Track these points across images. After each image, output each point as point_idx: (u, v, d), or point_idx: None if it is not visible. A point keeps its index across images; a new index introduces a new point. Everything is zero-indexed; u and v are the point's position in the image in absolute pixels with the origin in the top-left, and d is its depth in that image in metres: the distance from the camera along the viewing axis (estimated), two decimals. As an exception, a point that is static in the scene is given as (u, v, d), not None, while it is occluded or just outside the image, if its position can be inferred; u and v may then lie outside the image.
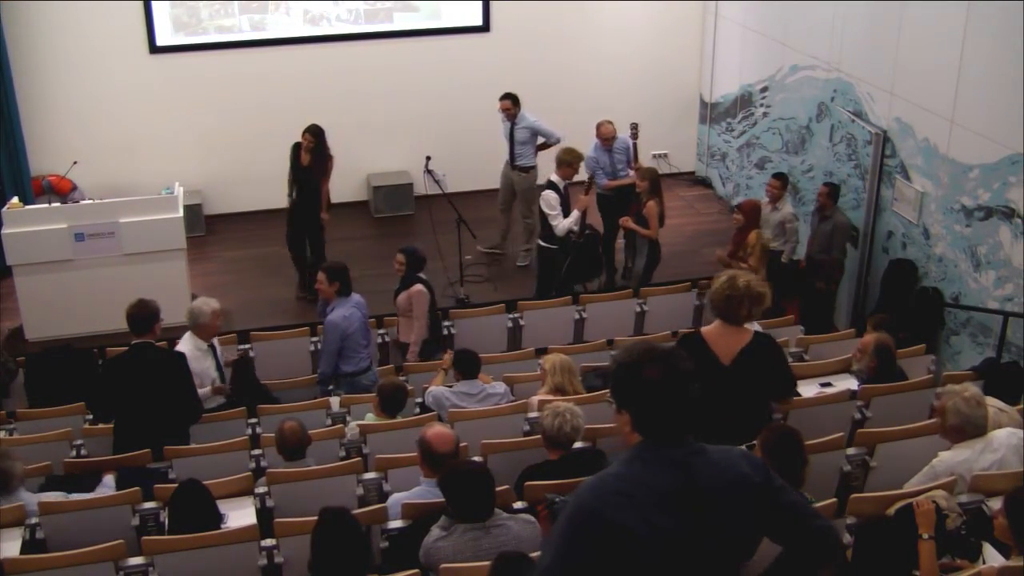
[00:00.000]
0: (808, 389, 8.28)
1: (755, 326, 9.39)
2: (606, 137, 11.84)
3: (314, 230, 11.95)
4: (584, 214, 10.96)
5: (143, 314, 7.82)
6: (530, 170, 12.49)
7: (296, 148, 11.70)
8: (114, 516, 6.68)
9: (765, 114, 13.40)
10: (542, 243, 11.17)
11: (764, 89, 13.36)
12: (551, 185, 10.92)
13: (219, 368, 8.50)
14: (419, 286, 9.51)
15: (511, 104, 12.22)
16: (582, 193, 10.88)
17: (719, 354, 6.21)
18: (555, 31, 14.44)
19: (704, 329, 6.48)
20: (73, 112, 12.91)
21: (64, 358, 9.91)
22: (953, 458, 6.25)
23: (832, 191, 10.88)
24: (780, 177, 11.39)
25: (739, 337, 6.29)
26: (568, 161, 10.95)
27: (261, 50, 13.97)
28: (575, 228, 10.82)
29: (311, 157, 11.63)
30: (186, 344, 8.29)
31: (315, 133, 11.64)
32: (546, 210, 10.80)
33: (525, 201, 12.36)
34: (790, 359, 8.97)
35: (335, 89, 14.12)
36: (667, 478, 3.32)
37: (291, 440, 7.06)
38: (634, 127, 11.86)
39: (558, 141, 12.24)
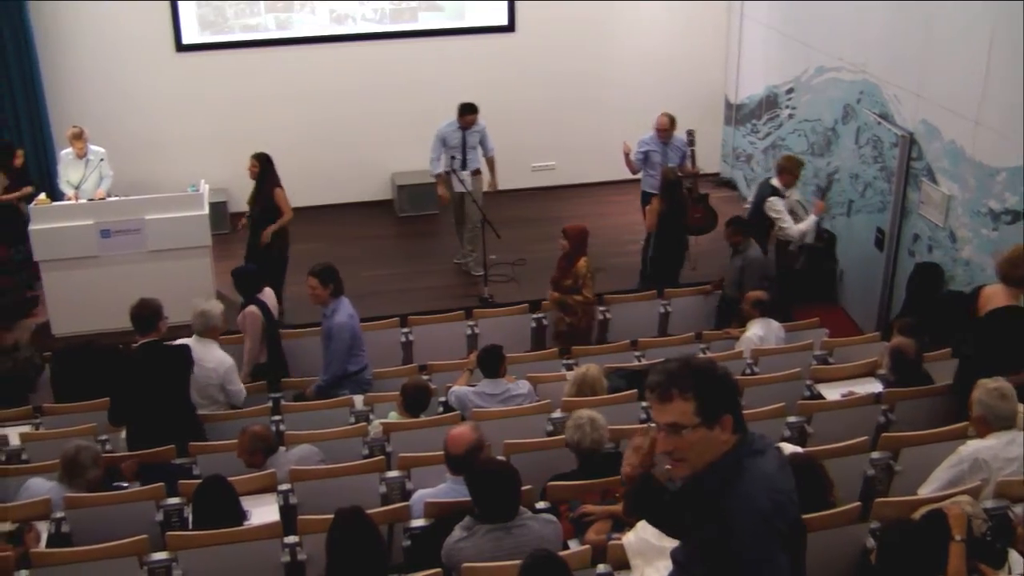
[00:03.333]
0: (832, 392, 8.26)
1: (776, 325, 9.44)
2: (659, 128, 11.85)
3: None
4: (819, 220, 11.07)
5: (146, 313, 7.89)
6: (479, 173, 12.45)
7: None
8: (138, 511, 6.71)
9: (791, 116, 13.35)
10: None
11: (790, 90, 13.31)
12: (774, 191, 10.77)
13: None
14: (252, 308, 9.20)
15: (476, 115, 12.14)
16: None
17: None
18: (580, 32, 14.43)
19: (986, 287, 7.68)
20: (100, 110, 12.97)
21: (88, 354, 9.95)
22: (978, 444, 6.30)
23: (740, 227, 10.50)
24: (789, 159, 11.38)
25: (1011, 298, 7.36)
26: (789, 168, 10.85)
27: (286, 49, 14.02)
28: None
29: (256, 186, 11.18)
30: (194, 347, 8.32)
31: (260, 159, 11.17)
32: (773, 215, 10.67)
33: (478, 205, 12.20)
34: (814, 362, 8.98)
35: (360, 88, 14.15)
36: (775, 459, 3.55)
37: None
38: (690, 134, 11.87)
39: (492, 151, 12.39)
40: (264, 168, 10.89)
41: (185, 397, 8.00)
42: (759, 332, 9.38)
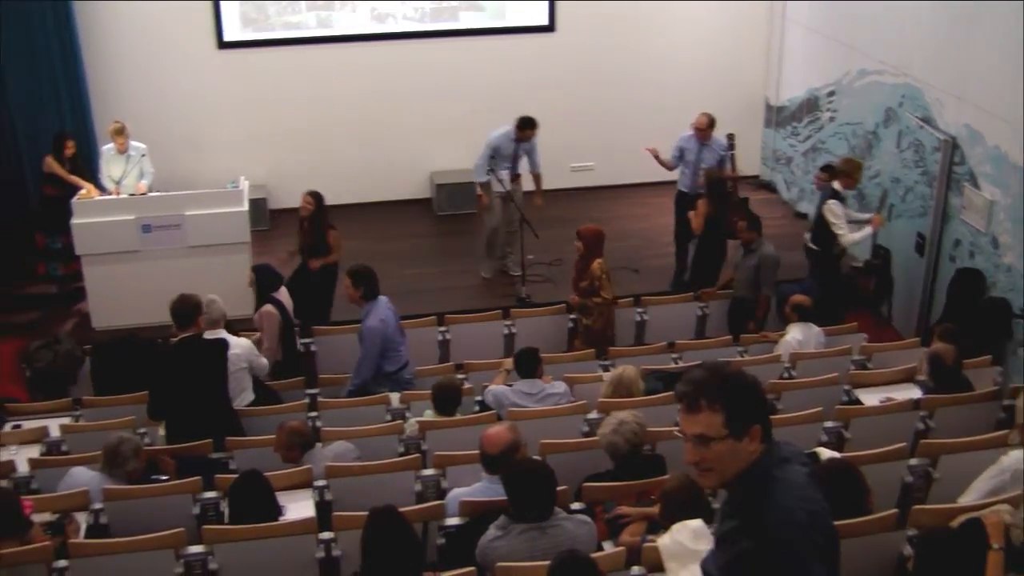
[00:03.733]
0: (871, 398, 8.21)
1: (817, 330, 9.38)
2: (696, 127, 11.82)
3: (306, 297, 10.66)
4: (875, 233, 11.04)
5: (185, 308, 7.99)
6: (519, 177, 12.44)
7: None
8: (175, 504, 6.76)
9: (832, 118, 13.27)
10: (812, 246, 11.02)
11: (831, 93, 13.23)
12: (835, 195, 10.69)
13: None
14: (269, 306, 9.24)
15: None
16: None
17: None
18: (620, 32, 14.40)
19: None
20: (142, 106, 13.05)
21: (128, 348, 10.04)
22: (1021, 454, 6.22)
23: (752, 222, 10.43)
24: (827, 168, 11.32)
25: None
26: (848, 171, 10.74)
27: (327, 47, 14.07)
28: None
29: (308, 226, 10.77)
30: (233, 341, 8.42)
31: (315, 198, 10.76)
32: (832, 220, 10.58)
33: (516, 205, 12.20)
34: (852, 367, 8.93)
35: (400, 86, 14.18)
36: (803, 467, 3.49)
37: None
38: (731, 138, 11.81)
39: (539, 166, 12.43)
40: (319, 206, 10.66)
41: (223, 391, 8.07)
42: (798, 336, 9.33)
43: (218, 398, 8.03)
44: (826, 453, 6.26)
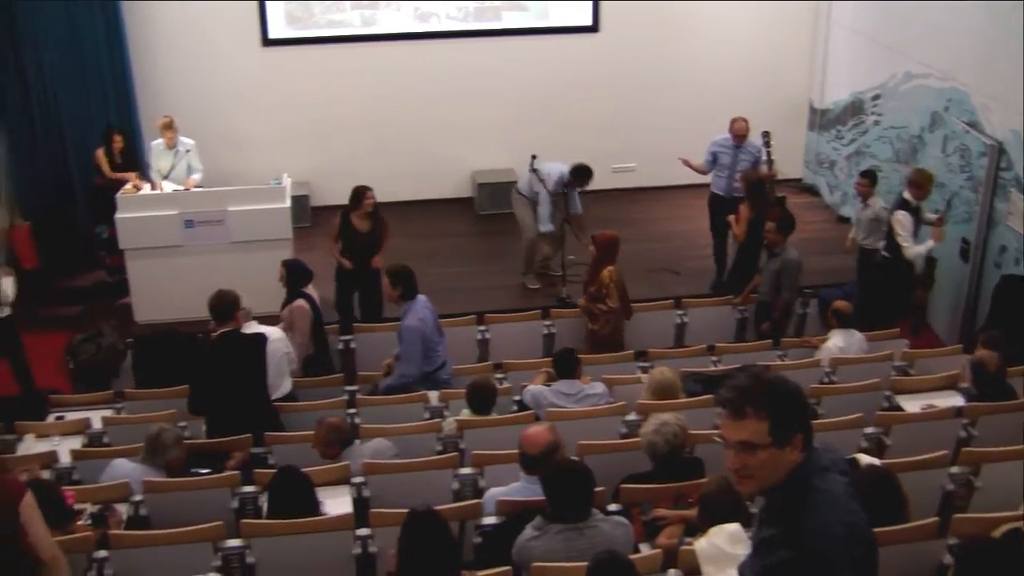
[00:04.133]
0: (912, 404, 8.14)
1: (859, 336, 9.32)
2: (737, 134, 11.78)
3: (369, 294, 10.84)
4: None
5: (224, 303, 8.02)
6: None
7: (346, 216, 10.68)
8: (214, 498, 6.81)
9: (876, 122, 13.16)
10: (886, 254, 10.84)
11: (876, 96, 13.13)
12: (904, 205, 10.57)
13: None
14: (301, 301, 9.25)
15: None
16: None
17: None
18: (664, 33, 14.37)
19: None
20: (187, 102, 13.14)
21: (170, 342, 10.12)
22: None
23: (782, 225, 10.32)
24: (868, 175, 11.22)
25: None
26: (919, 182, 10.58)
27: (371, 45, 14.12)
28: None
29: (371, 224, 10.70)
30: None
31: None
32: (899, 230, 10.46)
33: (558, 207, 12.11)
34: (894, 373, 8.86)
35: (443, 85, 14.21)
36: (842, 476, 3.45)
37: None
38: (766, 135, 11.75)
39: (579, 209, 12.35)
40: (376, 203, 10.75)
41: (262, 386, 8.11)
42: (840, 343, 9.26)
43: (258, 393, 8.08)
44: (866, 459, 6.22)
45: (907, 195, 10.59)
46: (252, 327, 8.33)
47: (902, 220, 10.44)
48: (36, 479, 6.98)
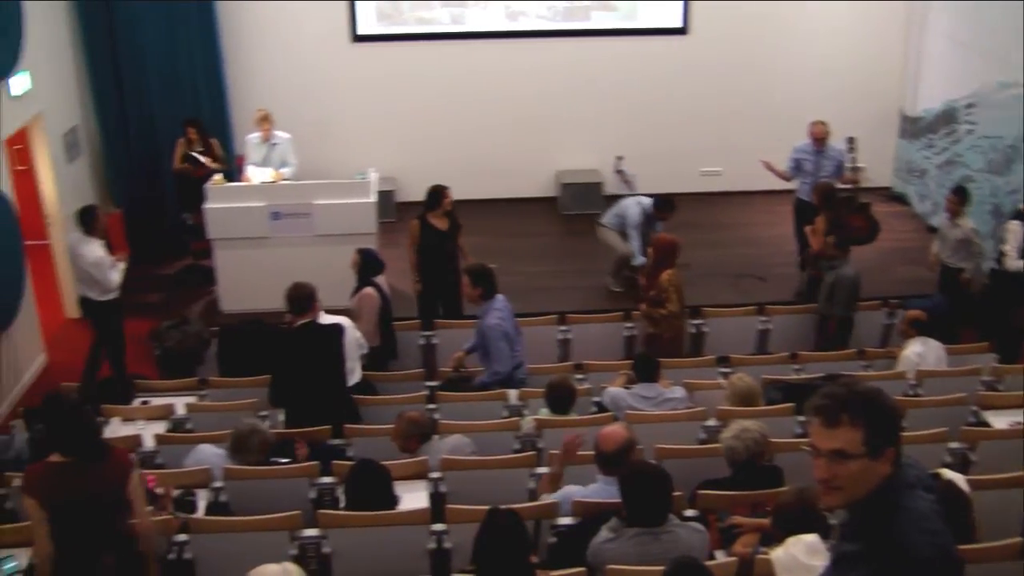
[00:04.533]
0: (1000, 421, 7.98)
1: (935, 344, 9.13)
2: (816, 137, 11.68)
3: (451, 293, 10.73)
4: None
5: (303, 294, 8.09)
6: None
7: (423, 218, 10.58)
8: (293, 487, 6.88)
9: (969, 131, 12.92)
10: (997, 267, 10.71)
11: (970, 105, 12.88)
12: (1019, 215, 10.42)
13: None
14: (369, 289, 9.28)
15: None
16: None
17: None
18: (755, 35, 14.25)
19: None
20: (276, 96, 13.28)
21: (254, 332, 10.25)
22: None
23: (840, 240, 10.17)
24: (959, 192, 10.91)
25: None
26: None
27: (459, 43, 14.18)
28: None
29: (449, 220, 10.65)
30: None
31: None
32: (1008, 239, 10.32)
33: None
34: (982, 388, 8.68)
35: (530, 84, 14.23)
36: (928, 493, 3.39)
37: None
38: (851, 141, 11.62)
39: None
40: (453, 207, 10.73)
41: (341, 376, 8.18)
42: (917, 349, 9.12)
43: (337, 383, 8.16)
44: (949, 475, 6.11)
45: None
46: (323, 318, 8.41)
47: (1015, 230, 10.21)
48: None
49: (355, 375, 8.56)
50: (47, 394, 5.91)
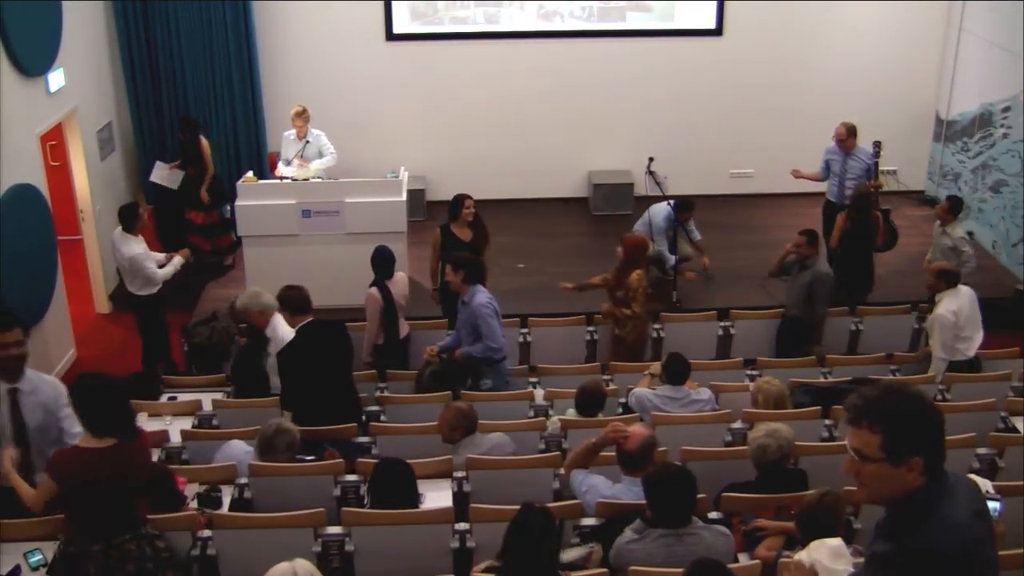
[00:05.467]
0: (1026, 425, 7.92)
1: (967, 290, 9.01)
2: (836, 138, 11.70)
3: None
4: None
5: (300, 295, 8.20)
6: None
7: (446, 227, 10.46)
8: (317, 485, 6.89)
9: (1005, 135, 12.81)
10: None
11: (1006, 109, 12.77)
12: None
13: None
14: (373, 290, 9.27)
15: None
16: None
17: None
18: (789, 38, 14.17)
19: None
20: (310, 94, 13.30)
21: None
22: None
23: (812, 238, 10.07)
24: (951, 200, 10.99)
25: None
26: None
27: (493, 42, 14.17)
28: None
29: (473, 231, 10.47)
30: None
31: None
32: None
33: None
34: (1011, 393, 8.60)
35: (564, 84, 14.21)
36: (970, 498, 3.43)
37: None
38: (877, 145, 11.57)
39: (699, 238, 12.15)
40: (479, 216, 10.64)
41: (349, 372, 8.25)
42: (952, 307, 9.04)
43: (347, 379, 8.22)
44: (978, 481, 6.05)
45: None
46: (279, 321, 8.46)
47: None
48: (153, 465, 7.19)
49: None
50: (82, 375, 5.94)
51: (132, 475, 5.75)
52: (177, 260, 10.29)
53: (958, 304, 9.08)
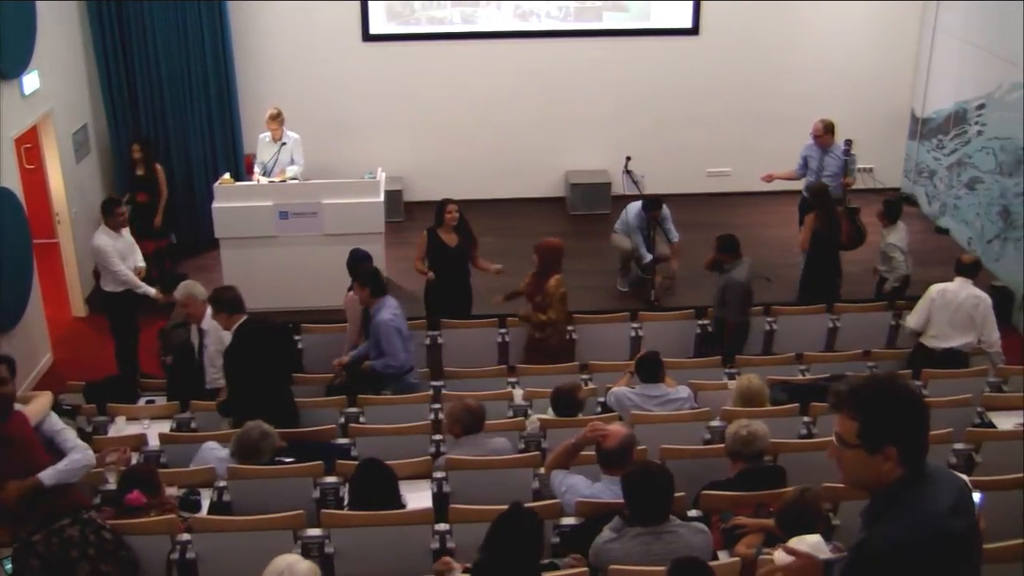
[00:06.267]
0: (1006, 422, 7.95)
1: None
2: (813, 134, 11.76)
3: (462, 305, 10.63)
4: None
5: (234, 295, 8.20)
6: None
7: (432, 231, 10.39)
8: (296, 487, 6.88)
9: (979, 132, 12.87)
10: None
11: (980, 106, 12.84)
12: None
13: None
14: (353, 292, 9.21)
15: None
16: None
17: None
18: (765, 36, 14.21)
19: None
20: (286, 95, 13.28)
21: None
22: None
23: (725, 244, 10.07)
24: (886, 203, 11.11)
25: None
26: None
27: (470, 42, 14.17)
28: None
29: (458, 235, 10.43)
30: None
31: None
32: None
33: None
34: (987, 389, 8.65)
35: (540, 85, 14.23)
36: (950, 493, 3.47)
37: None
38: (848, 143, 11.62)
39: (677, 238, 12.07)
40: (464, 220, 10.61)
41: (289, 373, 8.29)
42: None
43: (285, 383, 8.25)
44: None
45: None
46: (208, 323, 8.47)
47: None
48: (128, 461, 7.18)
49: (217, 381, 8.59)
50: None
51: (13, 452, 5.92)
52: (150, 290, 10.23)
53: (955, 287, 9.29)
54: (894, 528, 3.37)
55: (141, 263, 10.38)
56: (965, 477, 6.08)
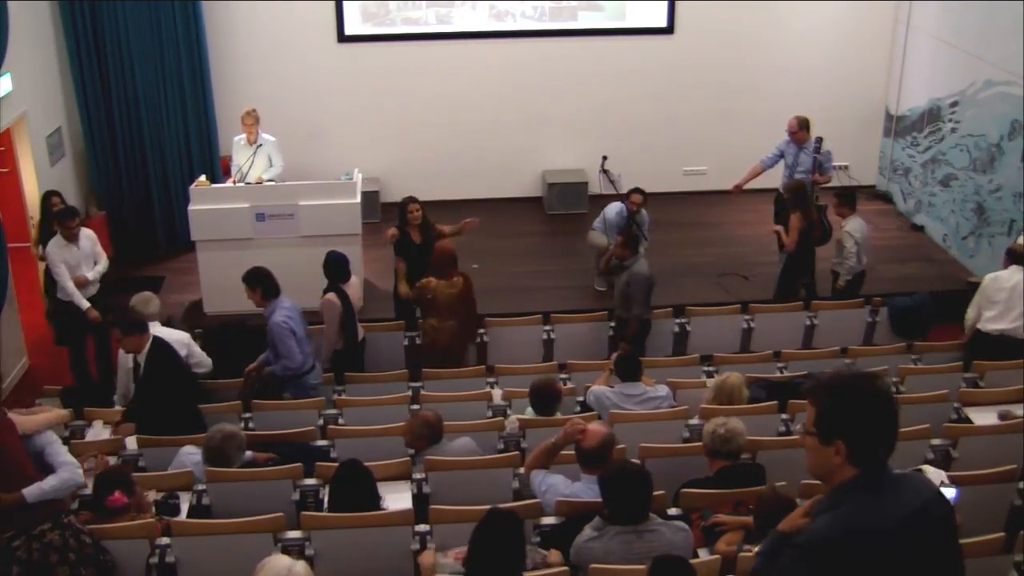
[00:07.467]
0: (983, 417, 8.00)
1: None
2: (788, 131, 11.81)
3: None
4: None
5: (143, 313, 8.31)
6: None
7: (401, 229, 10.49)
8: (276, 489, 6.86)
9: (953, 130, 12.95)
10: None
11: (954, 104, 12.91)
12: None
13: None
14: (331, 295, 9.24)
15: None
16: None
17: None
18: (740, 35, 14.25)
19: None
20: (262, 96, 13.22)
21: (238, 333, 10.23)
22: None
23: (627, 240, 10.05)
24: (837, 193, 11.24)
25: None
26: None
27: (445, 43, 14.16)
28: None
29: (422, 234, 10.50)
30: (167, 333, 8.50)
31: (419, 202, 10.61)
32: None
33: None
34: (963, 384, 8.69)
35: (516, 84, 14.23)
36: (903, 507, 3.44)
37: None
38: (818, 141, 11.67)
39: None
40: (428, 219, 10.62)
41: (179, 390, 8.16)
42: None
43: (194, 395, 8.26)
44: (931, 471, 6.12)
45: None
46: (158, 330, 8.41)
47: None
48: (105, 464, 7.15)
49: None
50: None
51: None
52: (84, 303, 10.09)
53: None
54: (822, 523, 3.44)
55: (89, 274, 10.19)
56: (931, 469, 6.13)
